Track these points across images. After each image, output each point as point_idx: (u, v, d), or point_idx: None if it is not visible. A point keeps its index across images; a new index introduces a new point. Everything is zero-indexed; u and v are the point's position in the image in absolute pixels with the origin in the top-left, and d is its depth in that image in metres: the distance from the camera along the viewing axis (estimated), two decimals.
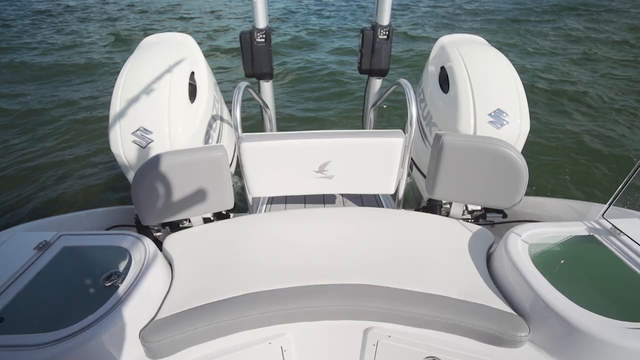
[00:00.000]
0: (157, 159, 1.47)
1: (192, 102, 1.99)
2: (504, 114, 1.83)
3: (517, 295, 1.24)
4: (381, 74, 2.72)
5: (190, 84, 2.01)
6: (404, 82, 1.83)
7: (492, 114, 1.84)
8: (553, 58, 7.81)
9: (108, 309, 1.12)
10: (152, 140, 1.76)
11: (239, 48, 2.59)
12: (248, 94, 2.30)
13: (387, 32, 2.50)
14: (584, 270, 1.29)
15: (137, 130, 1.75)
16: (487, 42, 2.36)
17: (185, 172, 1.52)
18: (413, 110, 1.73)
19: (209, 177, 1.56)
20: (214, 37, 9.90)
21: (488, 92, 1.89)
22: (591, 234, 1.38)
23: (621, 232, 1.33)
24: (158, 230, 1.92)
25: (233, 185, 1.69)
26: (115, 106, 1.80)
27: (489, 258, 1.47)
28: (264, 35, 2.48)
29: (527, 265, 1.23)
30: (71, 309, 1.15)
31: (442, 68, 2.18)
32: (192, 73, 2.09)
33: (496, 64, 2.02)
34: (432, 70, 2.31)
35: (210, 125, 2.10)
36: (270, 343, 1.28)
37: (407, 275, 1.35)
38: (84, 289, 1.25)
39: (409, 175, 2.13)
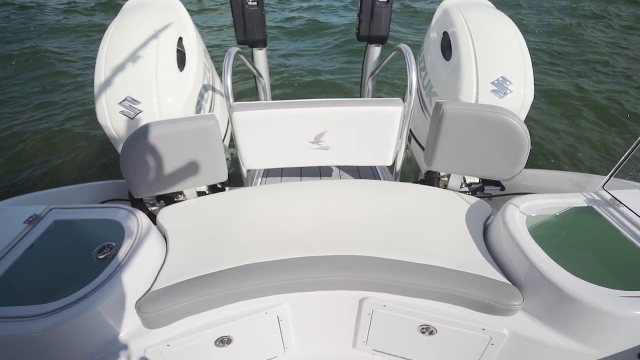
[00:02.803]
0: (145, 129, 1.41)
1: (181, 71, 1.89)
2: (508, 82, 1.76)
3: (512, 266, 1.24)
4: (380, 40, 2.59)
5: (178, 51, 1.91)
6: (404, 47, 1.74)
7: (496, 82, 1.77)
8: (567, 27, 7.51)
9: (103, 280, 1.11)
10: (141, 111, 1.68)
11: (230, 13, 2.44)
12: (242, 63, 2.19)
13: None
14: (581, 241, 1.29)
15: (124, 100, 1.67)
16: (492, 5, 2.23)
17: (175, 143, 1.46)
18: (413, 76, 1.65)
19: (200, 148, 1.51)
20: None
21: (492, 59, 1.80)
22: (590, 205, 1.37)
23: (621, 203, 1.32)
24: (153, 205, 1.90)
25: (228, 158, 1.64)
26: (100, 75, 1.71)
27: (486, 229, 1.47)
28: None
29: (524, 236, 1.23)
30: (64, 282, 1.15)
31: (445, 33, 2.07)
32: (180, 39, 1.98)
33: (502, 28, 1.92)
34: (434, 36, 2.20)
35: (201, 95, 2.02)
36: (266, 313, 1.29)
37: (403, 246, 1.35)
38: (77, 262, 1.24)
39: (407, 147, 2.09)
